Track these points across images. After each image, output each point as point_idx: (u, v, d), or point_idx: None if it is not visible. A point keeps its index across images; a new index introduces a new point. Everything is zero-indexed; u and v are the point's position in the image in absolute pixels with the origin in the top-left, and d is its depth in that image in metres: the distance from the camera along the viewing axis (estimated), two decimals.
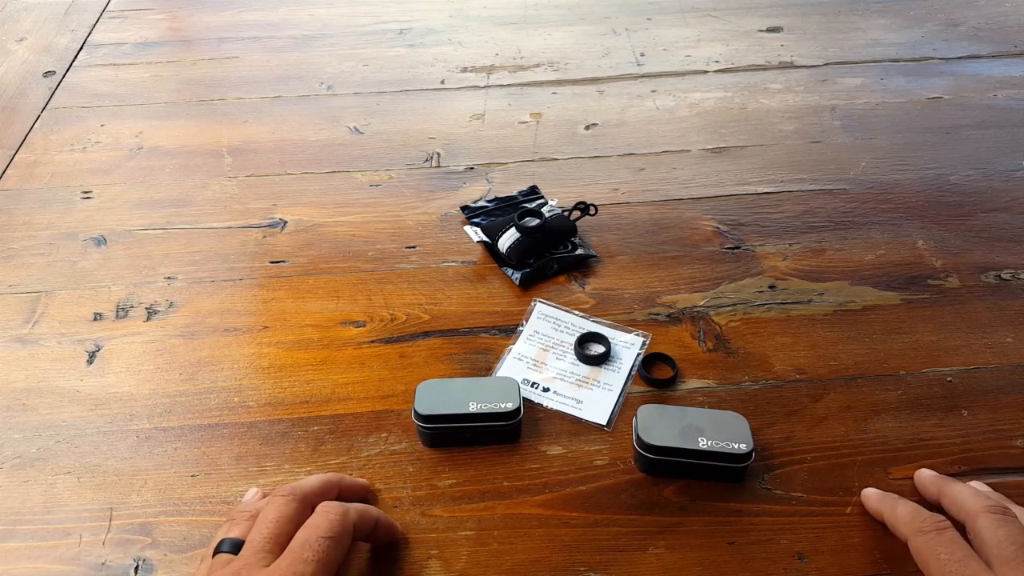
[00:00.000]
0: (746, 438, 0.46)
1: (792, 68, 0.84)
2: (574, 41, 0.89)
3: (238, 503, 0.47)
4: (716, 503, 0.47)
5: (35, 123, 0.79)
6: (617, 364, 0.55)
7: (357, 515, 0.42)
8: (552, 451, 0.50)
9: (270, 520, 0.41)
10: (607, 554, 0.45)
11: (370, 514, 0.43)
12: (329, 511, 0.41)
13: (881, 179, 0.70)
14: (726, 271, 0.61)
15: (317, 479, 0.45)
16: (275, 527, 0.41)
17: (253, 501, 0.46)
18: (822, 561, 0.44)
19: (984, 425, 0.50)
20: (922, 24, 0.90)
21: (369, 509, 0.43)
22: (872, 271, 0.61)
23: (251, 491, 0.48)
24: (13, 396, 0.54)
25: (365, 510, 0.43)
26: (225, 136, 0.77)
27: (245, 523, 0.43)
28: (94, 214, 0.68)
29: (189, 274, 0.62)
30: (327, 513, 0.41)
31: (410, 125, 0.77)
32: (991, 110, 0.77)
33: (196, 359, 0.56)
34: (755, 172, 0.71)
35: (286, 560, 0.39)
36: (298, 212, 0.68)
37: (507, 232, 0.62)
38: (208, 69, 0.86)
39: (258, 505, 0.44)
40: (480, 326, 0.58)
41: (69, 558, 0.45)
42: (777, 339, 0.56)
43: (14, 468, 0.50)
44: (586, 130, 0.76)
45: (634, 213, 0.67)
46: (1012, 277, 0.60)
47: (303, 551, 0.39)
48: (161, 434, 0.51)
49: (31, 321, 0.59)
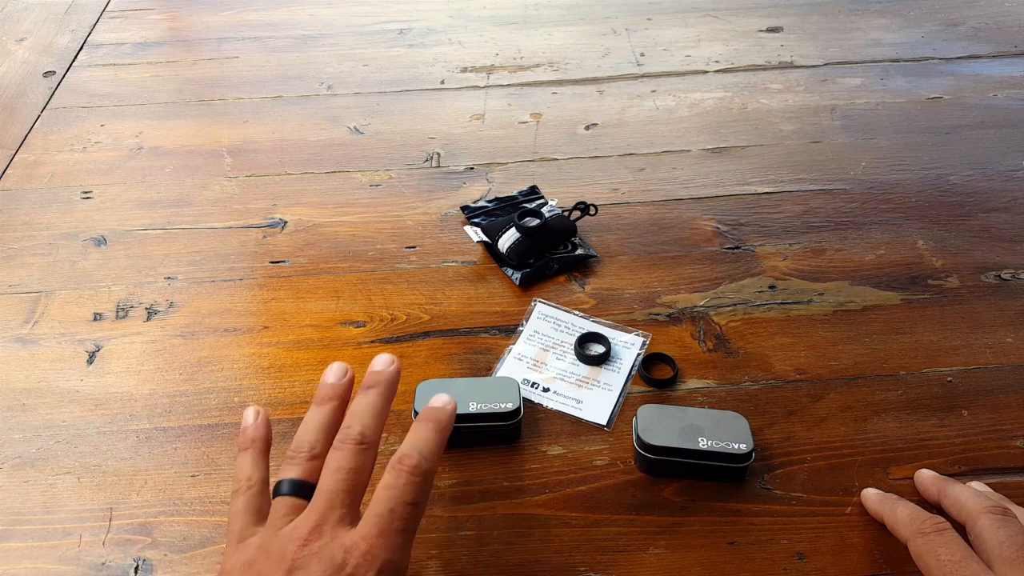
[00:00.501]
0: (746, 438, 0.46)
1: (792, 68, 0.84)
2: (574, 41, 0.89)
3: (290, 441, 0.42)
4: (716, 503, 0.47)
5: (35, 123, 0.79)
6: (617, 364, 0.55)
7: (437, 464, 0.39)
8: (552, 451, 0.50)
9: (346, 470, 0.38)
10: (607, 554, 0.45)
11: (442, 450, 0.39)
12: (411, 471, 0.37)
13: (881, 179, 0.70)
14: (726, 271, 0.61)
15: (375, 412, 0.40)
16: (353, 479, 0.38)
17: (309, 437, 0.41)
18: (822, 561, 0.44)
19: (984, 425, 0.50)
20: (922, 24, 0.90)
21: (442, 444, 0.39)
22: (872, 271, 0.61)
23: (249, 411, 0.44)
24: (13, 396, 0.54)
25: (440, 449, 0.39)
26: (225, 136, 0.77)
27: (307, 464, 0.40)
28: (94, 214, 0.68)
29: (189, 274, 0.62)
30: (408, 474, 0.37)
31: (410, 125, 0.77)
32: (991, 110, 0.77)
33: (196, 359, 0.56)
34: (755, 172, 0.71)
35: (375, 527, 0.36)
36: (298, 212, 0.68)
37: (507, 232, 0.62)
38: (208, 69, 0.86)
39: (315, 446, 0.40)
40: (480, 326, 0.58)
41: (69, 558, 0.45)
42: (777, 339, 0.56)
43: (14, 468, 0.50)
44: (586, 130, 0.76)
45: (634, 213, 0.67)
46: (1012, 277, 0.60)
47: (392, 519, 0.36)
48: (161, 434, 0.51)
49: (31, 321, 0.59)
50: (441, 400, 0.41)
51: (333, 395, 0.42)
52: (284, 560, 0.35)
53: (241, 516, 0.39)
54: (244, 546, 0.38)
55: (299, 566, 0.35)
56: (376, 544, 0.35)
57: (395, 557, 0.36)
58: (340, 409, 0.42)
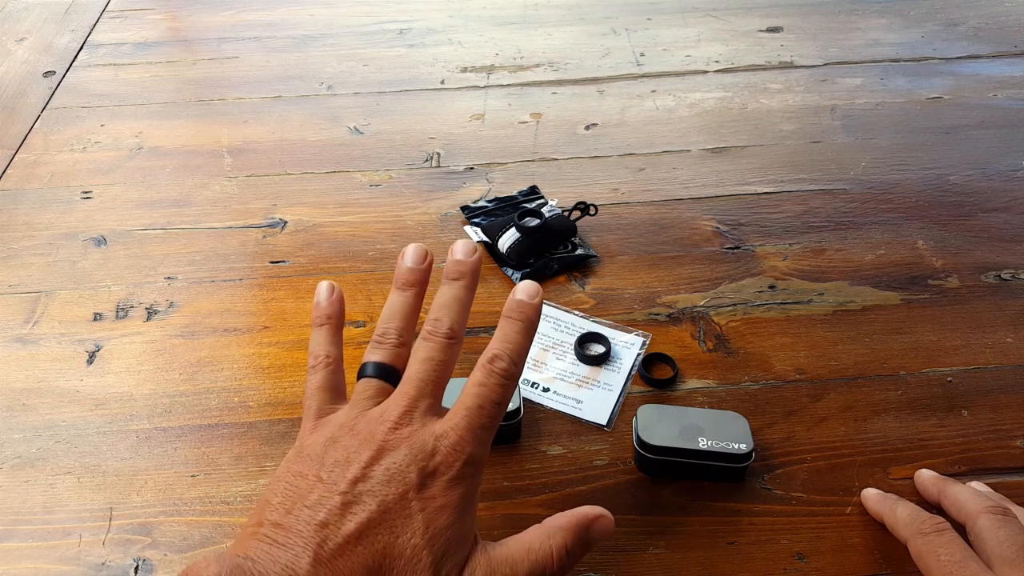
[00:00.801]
0: (746, 438, 0.46)
1: (792, 68, 0.84)
2: (574, 41, 0.89)
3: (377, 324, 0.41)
4: (716, 503, 0.47)
5: (35, 123, 0.79)
6: (617, 364, 0.55)
7: (524, 365, 0.39)
8: (552, 451, 0.50)
9: (436, 361, 0.38)
10: (607, 554, 0.45)
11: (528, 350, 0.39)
12: (501, 373, 0.37)
13: (881, 179, 0.70)
14: (726, 271, 0.61)
15: (462, 305, 0.40)
16: (441, 371, 0.38)
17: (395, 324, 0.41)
18: (822, 561, 0.44)
19: (984, 425, 0.50)
20: (922, 24, 0.90)
21: (529, 344, 0.39)
22: (872, 271, 0.61)
23: (323, 285, 0.43)
24: (13, 396, 0.54)
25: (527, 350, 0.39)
26: (225, 136, 0.77)
27: (394, 350, 0.40)
28: (94, 214, 0.68)
29: (189, 274, 0.62)
30: (499, 375, 0.37)
31: (410, 125, 0.77)
32: (991, 110, 0.77)
33: (196, 359, 0.56)
34: (755, 172, 0.71)
35: (464, 419, 0.36)
36: (298, 212, 0.68)
37: (507, 232, 0.62)
38: (208, 69, 0.86)
39: (401, 334, 0.40)
40: (480, 326, 0.58)
41: (69, 558, 0.45)
42: (777, 339, 0.56)
43: (14, 468, 0.50)
44: (586, 130, 0.76)
45: (634, 213, 0.67)
46: (1012, 277, 0.60)
47: (480, 415, 0.36)
48: (161, 434, 0.51)
49: (31, 321, 0.59)
50: (528, 291, 0.40)
51: (414, 280, 0.42)
52: (373, 441, 0.36)
53: (319, 392, 0.39)
54: (325, 422, 0.38)
55: (390, 447, 0.35)
56: (465, 436, 0.36)
57: (479, 451, 0.36)
58: (420, 295, 0.42)
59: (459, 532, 0.35)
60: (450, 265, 0.41)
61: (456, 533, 0.35)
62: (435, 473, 0.35)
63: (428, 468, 0.35)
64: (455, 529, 0.35)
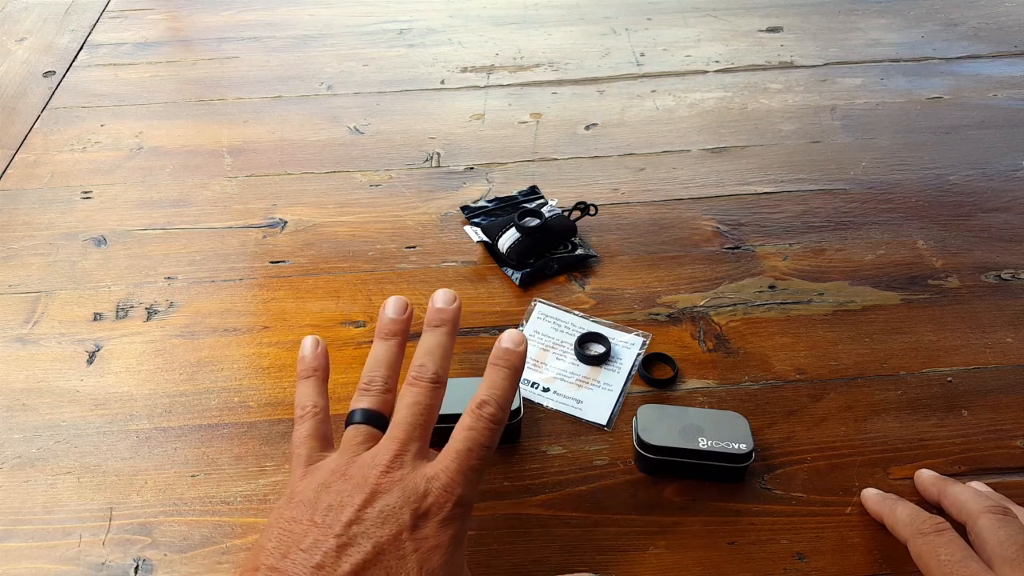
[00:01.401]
0: (746, 438, 0.46)
1: (792, 68, 0.84)
2: (574, 41, 0.89)
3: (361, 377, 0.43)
4: (716, 503, 0.47)
5: (35, 123, 0.79)
6: (617, 364, 0.55)
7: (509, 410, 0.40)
8: (552, 451, 0.50)
9: (423, 406, 0.39)
10: (607, 554, 0.45)
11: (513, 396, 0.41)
12: (489, 418, 0.39)
13: (881, 179, 0.70)
14: (726, 271, 0.61)
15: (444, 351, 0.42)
16: (428, 415, 0.39)
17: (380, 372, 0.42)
18: (822, 561, 0.44)
19: (984, 425, 0.50)
20: (922, 24, 0.90)
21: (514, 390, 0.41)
22: (872, 271, 0.61)
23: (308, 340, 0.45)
24: (13, 396, 0.54)
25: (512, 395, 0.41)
26: (225, 136, 0.77)
27: (380, 396, 0.41)
28: (94, 214, 0.68)
29: (189, 274, 0.62)
30: (487, 420, 0.39)
31: (410, 125, 0.77)
32: (991, 110, 0.77)
33: (196, 359, 0.56)
34: (755, 172, 0.71)
35: (454, 462, 0.37)
36: (298, 212, 0.68)
37: (507, 232, 0.62)
38: (208, 69, 0.86)
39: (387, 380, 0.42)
40: (480, 326, 0.58)
41: (69, 558, 0.45)
42: (777, 339, 0.56)
43: (14, 468, 0.50)
44: (586, 130, 0.76)
45: (634, 213, 0.67)
46: (1012, 277, 0.60)
47: (470, 457, 0.38)
48: (161, 434, 0.51)
49: (31, 321, 0.59)
50: (513, 339, 0.42)
51: (396, 330, 0.44)
52: (366, 484, 0.37)
53: (308, 441, 0.40)
54: (316, 469, 0.39)
55: (382, 490, 0.36)
56: (455, 478, 0.37)
57: (468, 493, 0.37)
58: (403, 344, 0.44)
59: (451, 571, 0.36)
60: (431, 313, 0.43)
61: (448, 572, 0.36)
62: (427, 514, 0.36)
63: (421, 509, 0.36)
64: (447, 568, 0.36)
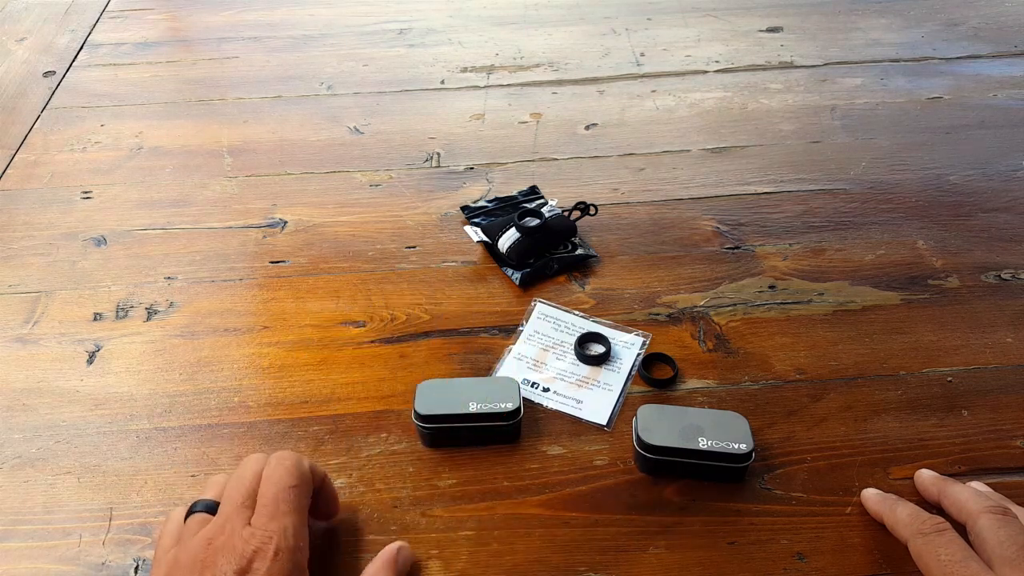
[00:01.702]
0: (746, 438, 0.46)
1: (792, 68, 0.84)
2: (574, 41, 0.89)
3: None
4: (716, 503, 0.47)
5: (35, 123, 0.79)
6: (617, 364, 0.55)
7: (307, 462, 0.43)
8: (552, 451, 0.50)
9: (246, 477, 0.41)
10: (607, 554, 0.45)
11: (316, 469, 0.44)
12: (284, 460, 0.42)
13: (881, 179, 0.70)
14: (726, 271, 0.61)
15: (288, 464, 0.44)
16: (252, 484, 0.41)
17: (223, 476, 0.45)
18: (822, 561, 0.44)
19: (984, 425, 0.50)
20: (922, 24, 0.90)
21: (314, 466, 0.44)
22: (872, 271, 0.61)
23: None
24: (13, 396, 0.54)
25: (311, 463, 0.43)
26: (225, 136, 0.77)
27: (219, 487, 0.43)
28: (94, 214, 0.68)
29: (189, 274, 0.62)
30: (283, 462, 0.42)
31: (410, 125, 0.77)
32: (991, 110, 0.77)
33: (196, 359, 0.56)
34: (755, 172, 0.71)
35: (265, 515, 0.39)
36: (298, 212, 0.68)
37: (507, 232, 0.62)
38: (208, 69, 0.86)
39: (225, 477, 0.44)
40: (480, 326, 0.58)
41: (69, 558, 0.45)
42: (777, 339, 0.56)
43: (14, 468, 0.50)
44: (586, 130, 0.76)
45: (634, 213, 0.67)
46: (1012, 277, 0.60)
47: (277, 504, 0.40)
48: (161, 434, 0.51)
49: (31, 321, 0.59)
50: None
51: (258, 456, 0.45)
52: (196, 563, 0.38)
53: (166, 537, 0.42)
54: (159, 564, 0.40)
55: (208, 564, 0.38)
56: (270, 527, 0.39)
57: (290, 539, 0.39)
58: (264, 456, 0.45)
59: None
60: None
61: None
62: (251, 570, 0.37)
63: (243, 567, 0.37)
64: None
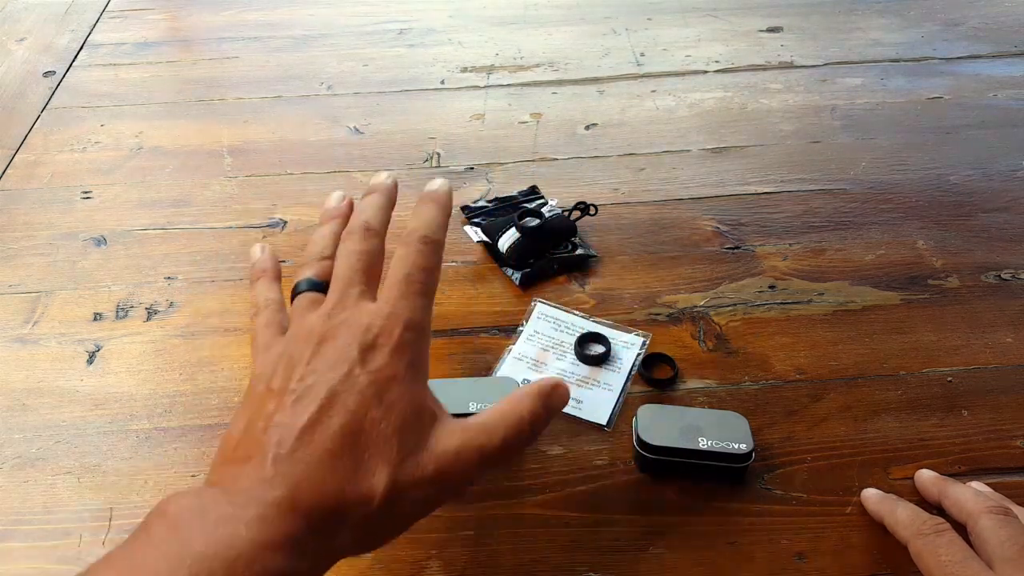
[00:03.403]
0: (746, 438, 0.46)
1: (792, 68, 0.84)
2: (574, 41, 0.89)
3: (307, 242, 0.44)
4: (716, 503, 0.47)
5: (35, 123, 0.79)
6: (617, 364, 0.55)
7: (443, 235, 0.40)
8: (552, 451, 0.50)
9: (357, 252, 0.39)
10: (607, 554, 0.45)
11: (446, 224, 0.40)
12: (419, 241, 0.38)
13: (881, 179, 0.70)
14: (726, 271, 0.61)
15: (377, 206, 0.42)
16: (366, 260, 0.39)
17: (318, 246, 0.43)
18: (822, 561, 0.44)
19: (984, 425, 0.51)
20: (922, 24, 0.90)
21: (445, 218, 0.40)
22: (872, 271, 0.61)
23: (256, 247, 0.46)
24: (13, 396, 0.54)
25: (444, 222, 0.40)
26: (225, 136, 0.77)
27: (320, 264, 0.41)
28: (94, 214, 0.68)
29: (189, 274, 0.62)
30: (417, 244, 0.38)
31: (410, 125, 0.77)
32: (991, 110, 0.77)
33: (196, 359, 0.56)
34: (755, 172, 0.71)
35: (394, 290, 0.37)
36: (298, 212, 0.68)
37: (507, 232, 0.62)
38: (208, 69, 0.86)
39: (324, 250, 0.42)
40: (480, 326, 0.58)
41: (69, 558, 0.45)
42: (777, 339, 0.56)
43: (14, 468, 0.50)
44: (586, 130, 0.76)
45: (634, 213, 0.67)
46: (1012, 277, 0.60)
47: (410, 282, 0.37)
48: (161, 434, 0.51)
49: (31, 321, 0.59)
50: (436, 183, 0.42)
51: (336, 213, 0.44)
52: (313, 335, 0.36)
53: (264, 329, 0.40)
54: (271, 349, 0.38)
55: (329, 336, 0.36)
56: (399, 305, 0.36)
57: (417, 316, 0.36)
58: (344, 223, 0.43)
59: (414, 400, 0.35)
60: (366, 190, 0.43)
61: (411, 402, 0.35)
62: (375, 345, 0.35)
63: (368, 342, 0.35)
64: (408, 397, 0.35)
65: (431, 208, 0.40)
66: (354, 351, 0.35)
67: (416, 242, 0.38)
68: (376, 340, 0.35)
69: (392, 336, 0.35)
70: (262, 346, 0.39)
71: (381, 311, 0.36)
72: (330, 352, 0.35)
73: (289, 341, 0.37)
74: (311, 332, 0.36)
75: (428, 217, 0.40)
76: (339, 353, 0.35)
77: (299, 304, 0.39)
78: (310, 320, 0.37)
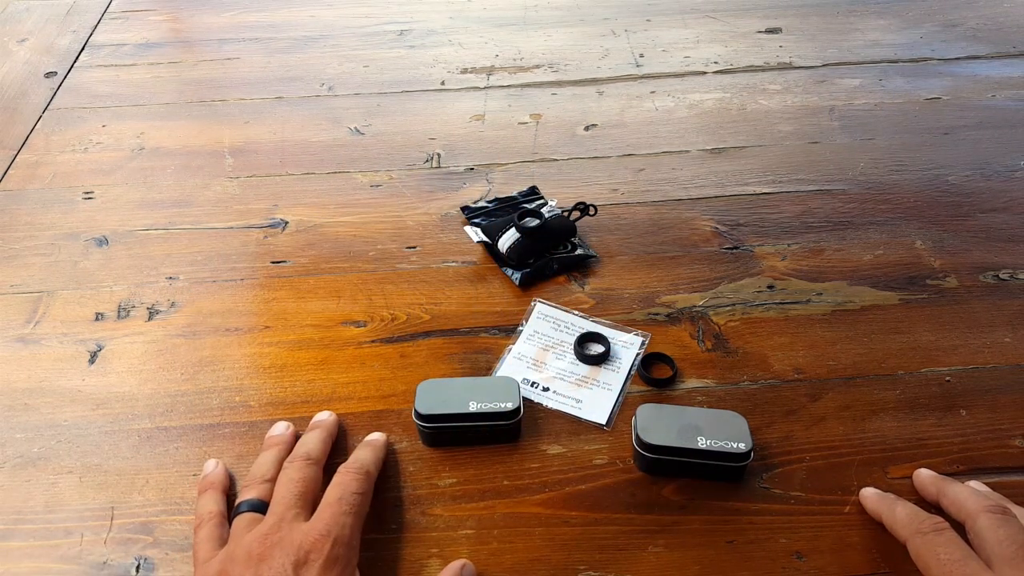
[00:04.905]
0: (745, 437, 0.47)
1: (791, 69, 0.84)
2: (574, 42, 0.89)
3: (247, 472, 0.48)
4: (715, 502, 0.47)
5: (37, 124, 0.80)
6: (616, 364, 0.55)
7: (376, 470, 0.46)
8: (552, 450, 0.50)
9: (296, 480, 0.44)
10: (607, 553, 0.45)
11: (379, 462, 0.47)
12: (355, 471, 0.44)
13: (880, 179, 0.70)
14: (725, 271, 0.62)
15: (318, 439, 0.48)
16: (303, 487, 0.43)
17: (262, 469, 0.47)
18: (821, 560, 0.44)
19: (982, 425, 0.51)
20: (921, 25, 0.90)
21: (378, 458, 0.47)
22: (870, 271, 0.61)
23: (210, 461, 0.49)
24: (15, 396, 0.54)
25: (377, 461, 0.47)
26: (226, 137, 0.77)
27: (262, 486, 0.45)
28: (96, 214, 0.68)
29: (190, 274, 0.63)
30: (353, 472, 0.44)
31: (410, 126, 0.77)
32: (990, 110, 0.77)
33: (197, 359, 0.56)
34: (754, 172, 0.71)
35: (327, 513, 0.41)
36: (299, 212, 0.68)
37: (507, 232, 0.62)
38: (209, 70, 0.87)
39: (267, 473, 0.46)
40: (480, 326, 0.58)
41: (71, 557, 0.45)
42: (776, 339, 0.56)
43: (16, 467, 0.50)
44: (586, 131, 0.76)
45: (634, 213, 0.67)
46: (1010, 277, 0.61)
47: (340, 505, 0.42)
48: (162, 434, 0.52)
49: (33, 321, 0.59)
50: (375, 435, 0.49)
51: (280, 441, 0.49)
52: (251, 557, 0.39)
53: (204, 543, 0.43)
54: (209, 564, 0.41)
55: (264, 557, 0.39)
56: (330, 523, 0.41)
57: (346, 533, 0.41)
58: (287, 450, 0.48)
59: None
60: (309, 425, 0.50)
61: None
62: (307, 561, 0.39)
63: (300, 559, 0.39)
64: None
65: (369, 450, 0.47)
66: (288, 569, 0.39)
67: (353, 471, 0.44)
68: (308, 556, 0.39)
69: (323, 552, 0.40)
70: (201, 559, 0.42)
71: (315, 528, 0.41)
72: (266, 572, 0.39)
73: (227, 560, 0.40)
74: (249, 553, 0.40)
75: (365, 456, 0.47)
76: (274, 572, 0.39)
77: (239, 524, 0.43)
78: (247, 540, 0.41)
